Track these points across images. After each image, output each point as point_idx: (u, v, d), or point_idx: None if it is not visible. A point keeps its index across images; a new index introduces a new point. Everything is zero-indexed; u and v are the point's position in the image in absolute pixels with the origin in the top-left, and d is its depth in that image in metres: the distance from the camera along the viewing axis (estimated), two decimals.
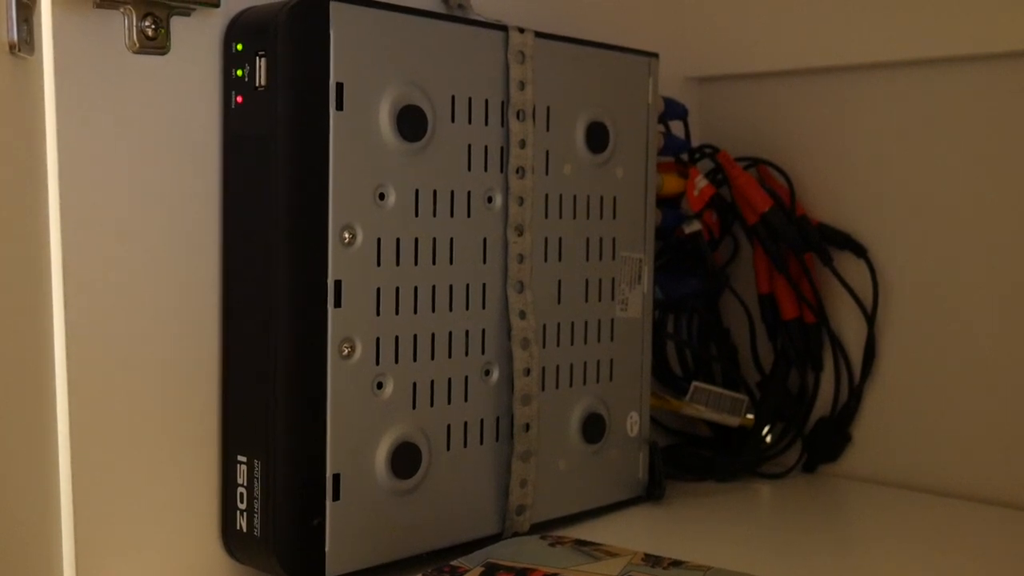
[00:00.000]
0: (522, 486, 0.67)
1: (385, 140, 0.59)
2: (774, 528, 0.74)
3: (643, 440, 0.76)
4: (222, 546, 0.60)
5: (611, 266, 0.73)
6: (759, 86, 0.88)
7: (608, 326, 0.73)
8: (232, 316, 0.59)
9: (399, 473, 0.61)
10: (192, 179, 0.58)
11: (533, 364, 0.67)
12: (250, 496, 0.58)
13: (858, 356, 0.82)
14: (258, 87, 0.57)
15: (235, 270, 0.59)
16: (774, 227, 0.80)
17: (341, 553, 0.59)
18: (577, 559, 0.60)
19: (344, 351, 0.58)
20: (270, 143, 0.56)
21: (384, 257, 0.60)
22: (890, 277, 0.81)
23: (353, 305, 0.58)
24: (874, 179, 0.82)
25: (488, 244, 0.65)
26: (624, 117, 0.73)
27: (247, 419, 0.58)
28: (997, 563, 0.66)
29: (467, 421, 0.65)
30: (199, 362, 0.59)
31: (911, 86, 0.80)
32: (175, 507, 0.58)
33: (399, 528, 0.61)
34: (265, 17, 0.56)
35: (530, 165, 0.66)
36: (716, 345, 0.87)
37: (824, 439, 0.83)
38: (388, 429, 0.60)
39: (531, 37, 0.66)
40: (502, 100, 0.65)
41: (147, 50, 0.55)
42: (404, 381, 0.61)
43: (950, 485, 0.78)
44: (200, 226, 0.59)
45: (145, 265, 0.57)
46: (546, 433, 0.69)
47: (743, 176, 0.82)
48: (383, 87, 0.59)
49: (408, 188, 0.61)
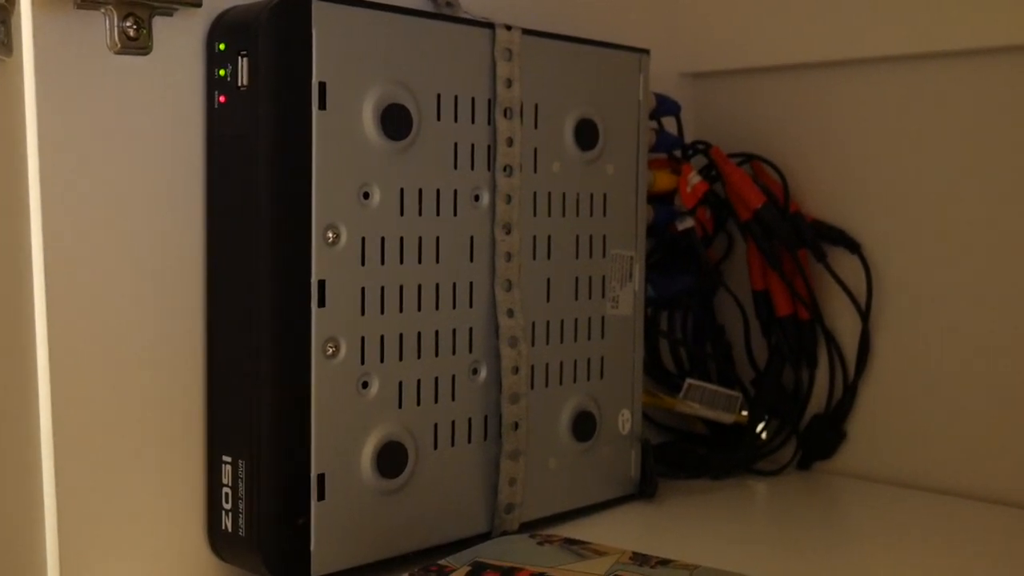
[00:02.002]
0: (511, 485, 0.67)
1: (369, 139, 0.59)
2: (768, 525, 0.74)
3: (635, 438, 0.75)
4: (208, 546, 0.60)
5: (602, 264, 0.72)
6: (753, 82, 0.87)
7: (599, 324, 0.72)
8: (216, 316, 0.59)
9: (385, 472, 0.61)
10: (175, 179, 0.58)
11: (522, 362, 0.67)
12: (235, 496, 0.58)
13: (852, 352, 0.82)
14: (240, 87, 0.56)
15: (219, 270, 0.59)
16: (767, 223, 0.80)
17: (326, 553, 0.59)
18: (565, 558, 0.60)
19: (328, 351, 0.58)
20: (252, 143, 0.56)
21: (369, 256, 0.60)
22: (884, 273, 0.81)
23: (337, 305, 0.58)
24: (869, 175, 0.81)
25: (475, 242, 0.65)
26: (614, 114, 0.72)
27: (231, 419, 0.58)
28: (991, 560, 0.66)
29: (455, 420, 0.64)
30: (183, 362, 0.59)
31: (907, 81, 0.79)
32: (161, 507, 0.58)
33: (386, 527, 0.61)
34: (247, 17, 0.56)
35: (518, 163, 0.66)
36: (710, 342, 0.87)
37: (819, 436, 0.83)
38: (374, 428, 0.60)
39: (518, 35, 0.66)
40: (489, 98, 0.65)
41: (129, 50, 0.55)
42: (390, 380, 0.61)
43: (945, 482, 0.78)
44: (184, 226, 0.58)
45: (128, 265, 0.57)
46: (536, 431, 0.69)
47: (736, 172, 0.81)
48: (367, 86, 0.59)
49: (393, 187, 0.61)
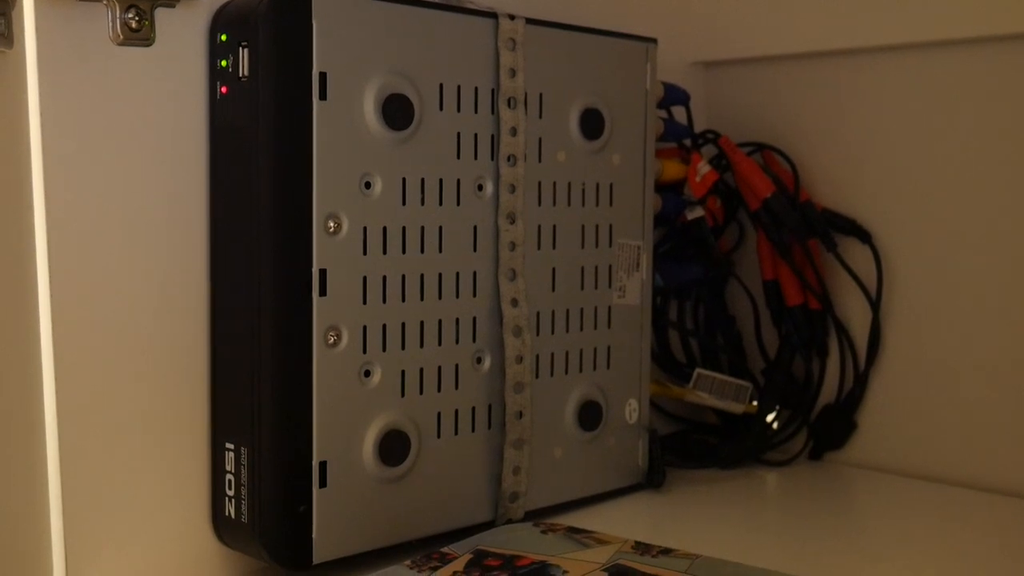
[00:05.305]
0: (515, 473, 0.67)
1: (370, 129, 0.60)
2: (778, 515, 0.74)
3: (643, 427, 0.75)
4: (212, 532, 0.61)
5: (608, 253, 0.72)
6: (764, 70, 0.87)
7: (605, 313, 0.72)
8: (219, 305, 0.59)
9: (387, 460, 0.61)
10: (178, 170, 0.59)
11: (526, 352, 0.67)
12: (237, 483, 0.58)
13: (863, 343, 0.81)
14: (241, 78, 0.57)
15: (222, 259, 0.59)
16: (776, 213, 0.80)
17: (328, 540, 0.59)
18: (567, 546, 0.60)
19: (330, 339, 0.59)
20: (253, 133, 0.56)
21: (370, 246, 0.60)
22: (895, 263, 0.80)
23: (339, 294, 0.59)
24: (880, 164, 0.81)
25: (479, 232, 0.65)
26: (621, 103, 0.72)
27: (234, 406, 0.59)
28: (1002, 551, 0.66)
29: (458, 409, 0.65)
30: (187, 349, 0.59)
31: (918, 69, 0.78)
32: (166, 494, 0.59)
33: (388, 515, 0.62)
34: (248, 8, 0.57)
35: (522, 153, 0.66)
36: (721, 332, 0.87)
37: (829, 426, 0.83)
38: (376, 417, 0.61)
39: (522, 24, 0.66)
40: (492, 88, 0.65)
41: (131, 42, 0.55)
42: (392, 369, 0.61)
43: (956, 473, 0.78)
44: (187, 217, 0.59)
45: (132, 255, 0.57)
46: (541, 420, 0.69)
47: (745, 162, 0.81)
48: (368, 76, 0.59)
49: (395, 177, 0.61)
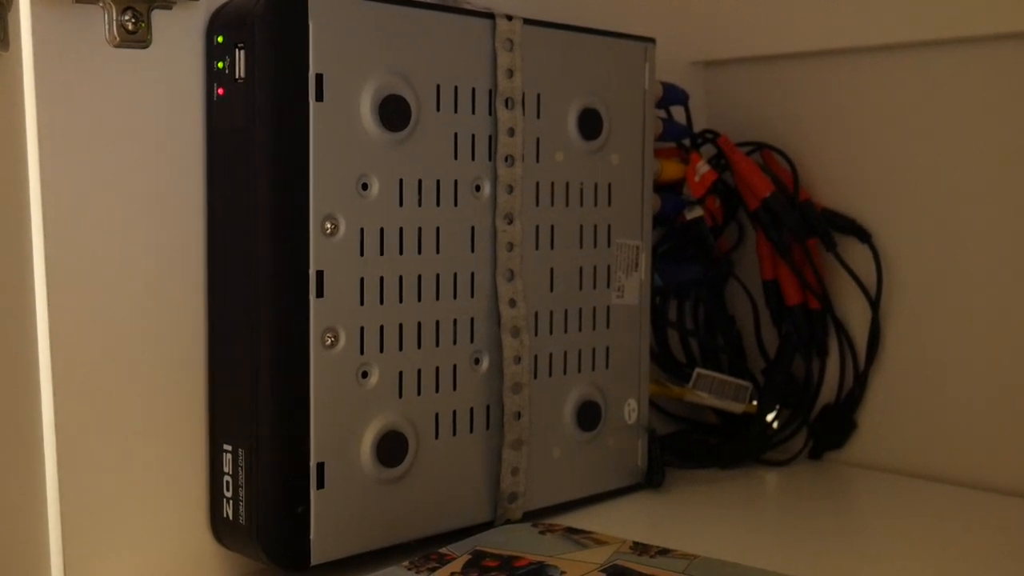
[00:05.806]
0: (513, 474, 0.67)
1: (367, 130, 0.60)
2: (778, 515, 0.74)
3: (642, 427, 0.75)
4: (211, 533, 0.61)
5: (606, 253, 0.72)
6: (764, 70, 0.87)
7: (604, 313, 0.72)
8: (216, 306, 0.60)
9: (385, 462, 0.61)
10: (175, 172, 0.59)
11: (524, 352, 0.67)
12: (235, 484, 0.58)
13: (863, 342, 0.81)
14: (238, 79, 0.57)
15: (219, 261, 0.59)
16: (775, 212, 0.80)
17: (326, 541, 0.59)
18: (565, 547, 0.60)
19: (327, 341, 0.59)
20: (250, 135, 0.57)
21: (368, 247, 0.60)
22: (895, 262, 0.80)
23: (336, 295, 0.59)
24: (880, 164, 0.81)
25: (476, 233, 0.65)
26: (619, 103, 0.72)
27: (232, 408, 0.59)
28: (1002, 551, 0.65)
29: (456, 410, 0.65)
30: (185, 351, 0.59)
31: (918, 69, 0.78)
32: (164, 495, 0.59)
33: (386, 516, 0.62)
34: (244, 9, 0.57)
35: (519, 153, 0.66)
36: (721, 332, 0.87)
37: (830, 426, 0.83)
38: (373, 418, 0.61)
39: (519, 24, 0.66)
40: (490, 88, 0.65)
41: (128, 44, 0.55)
42: (390, 370, 0.61)
43: (956, 472, 0.77)
44: (184, 219, 0.59)
45: (129, 257, 0.57)
46: (539, 421, 0.69)
47: (744, 161, 0.81)
48: (364, 77, 0.59)
49: (392, 178, 0.61)
